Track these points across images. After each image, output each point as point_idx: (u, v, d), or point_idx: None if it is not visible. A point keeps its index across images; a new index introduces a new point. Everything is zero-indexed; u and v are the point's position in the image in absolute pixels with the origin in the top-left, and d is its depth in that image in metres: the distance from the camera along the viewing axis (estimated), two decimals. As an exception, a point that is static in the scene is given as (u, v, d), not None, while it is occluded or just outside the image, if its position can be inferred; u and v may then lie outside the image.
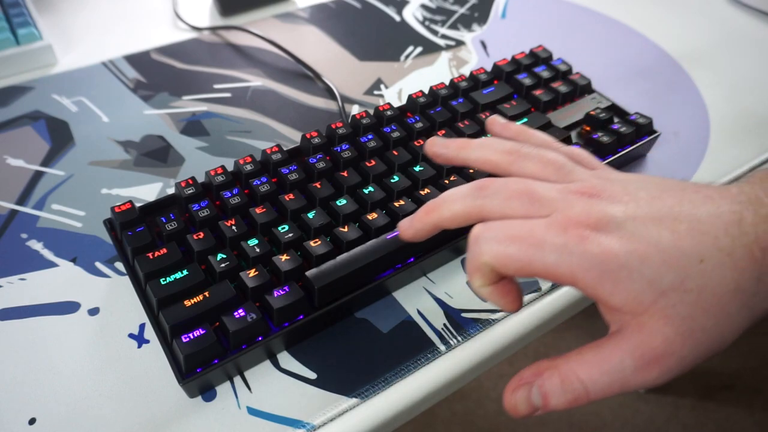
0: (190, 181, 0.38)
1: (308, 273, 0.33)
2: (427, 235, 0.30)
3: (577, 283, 0.24)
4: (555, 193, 0.26)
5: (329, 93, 0.52)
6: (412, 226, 0.30)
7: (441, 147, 0.32)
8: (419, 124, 0.43)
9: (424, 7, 0.64)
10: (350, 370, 0.33)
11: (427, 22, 0.62)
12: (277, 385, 0.32)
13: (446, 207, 0.28)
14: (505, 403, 0.26)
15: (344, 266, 0.34)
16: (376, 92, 0.53)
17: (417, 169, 0.40)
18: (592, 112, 0.45)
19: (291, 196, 0.37)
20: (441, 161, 0.32)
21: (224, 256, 0.34)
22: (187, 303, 0.32)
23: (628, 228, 0.24)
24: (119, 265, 0.38)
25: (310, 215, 0.36)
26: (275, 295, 0.32)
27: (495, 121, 0.34)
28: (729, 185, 0.26)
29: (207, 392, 0.32)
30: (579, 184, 0.26)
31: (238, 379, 0.32)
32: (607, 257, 0.23)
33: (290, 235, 0.35)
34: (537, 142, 0.32)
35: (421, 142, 0.42)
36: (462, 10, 0.64)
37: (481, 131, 0.43)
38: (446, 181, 0.39)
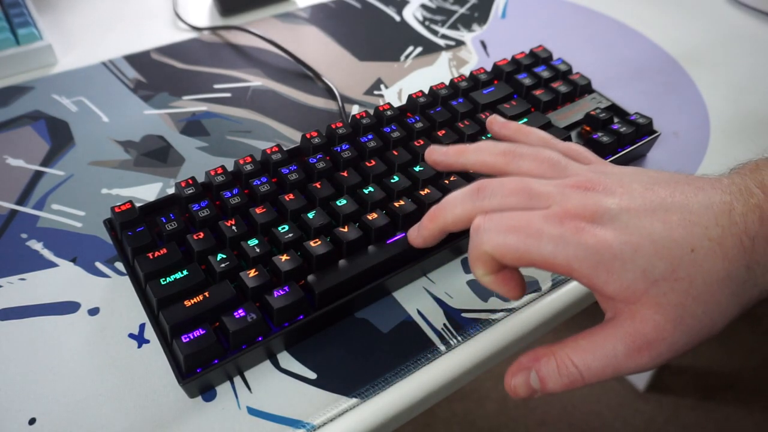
0: (190, 181, 0.38)
1: (309, 278, 0.33)
2: (435, 240, 0.31)
3: (573, 272, 0.25)
4: (551, 188, 0.27)
5: (329, 93, 0.52)
6: (420, 235, 0.32)
7: (440, 155, 0.33)
8: (419, 124, 0.43)
9: (424, 7, 0.64)
10: (350, 370, 0.33)
11: (427, 22, 0.62)
12: (277, 385, 0.32)
13: (449, 211, 0.29)
14: (506, 385, 0.27)
15: (345, 271, 0.34)
16: (376, 92, 0.53)
17: (417, 169, 0.40)
18: (592, 112, 0.45)
19: (291, 196, 0.37)
20: (441, 168, 0.33)
21: (224, 256, 0.34)
22: (187, 303, 0.32)
23: (622, 220, 0.25)
24: (119, 265, 0.38)
25: (310, 215, 0.36)
26: (275, 295, 0.32)
27: (494, 120, 0.35)
28: (720, 176, 0.27)
29: (207, 392, 0.32)
30: (575, 178, 0.28)
31: (238, 379, 0.32)
32: (602, 248, 0.24)
33: (290, 235, 0.35)
34: (534, 140, 0.33)
35: (422, 142, 0.42)
36: (462, 10, 0.64)
37: (481, 131, 0.43)
38: (446, 181, 0.39)
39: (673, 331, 0.24)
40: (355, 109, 0.51)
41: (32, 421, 0.30)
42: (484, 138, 0.42)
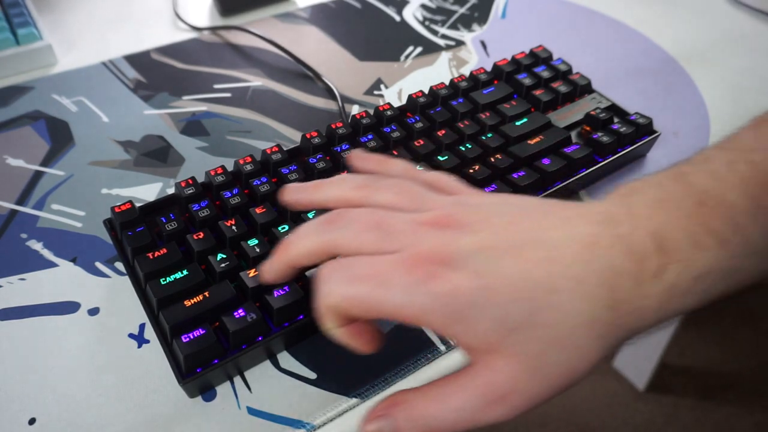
0: (190, 181, 0.38)
1: (308, 273, 0.33)
2: (286, 276, 0.28)
3: (425, 324, 0.23)
4: (406, 225, 0.25)
5: (329, 93, 0.52)
6: (270, 269, 0.29)
7: (295, 192, 0.30)
8: (419, 124, 0.43)
9: (424, 7, 0.64)
10: (350, 370, 0.33)
11: (427, 22, 0.62)
12: (277, 385, 0.32)
13: (299, 244, 0.27)
14: None
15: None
16: (376, 92, 0.52)
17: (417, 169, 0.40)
18: (592, 112, 0.45)
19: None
20: (300, 207, 0.30)
21: (224, 256, 0.34)
22: (187, 303, 0.32)
23: (478, 261, 0.23)
24: (119, 265, 0.38)
25: (311, 215, 0.36)
26: (275, 295, 0.32)
27: (354, 155, 0.33)
28: (593, 202, 0.25)
29: (207, 392, 0.32)
30: (432, 213, 0.25)
31: (238, 379, 0.32)
32: (455, 296, 0.22)
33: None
34: (397, 171, 0.30)
35: (422, 142, 0.42)
36: (462, 10, 0.64)
37: (481, 131, 0.43)
38: (446, 181, 0.39)
39: (529, 381, 0.22)
40: (355, 109, 0.51)
41: (32, 421, 0.30)
42: (485, 137, 0.42)
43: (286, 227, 0.36)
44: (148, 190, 0.43)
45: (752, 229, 0.22)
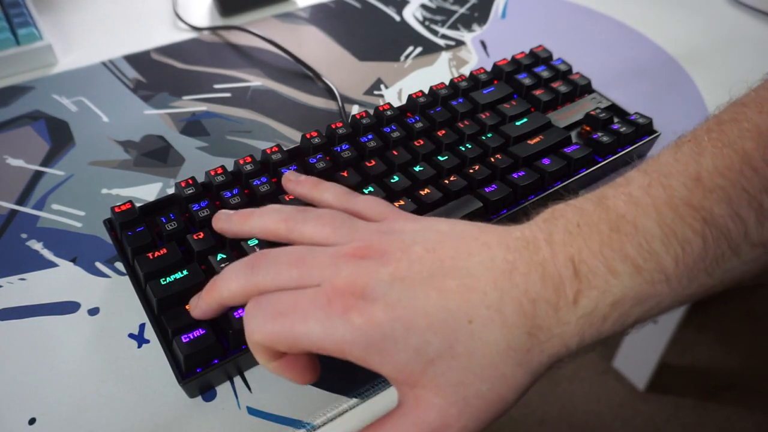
0: (190, 181, 0.38)
1: None
2: (215, 313, 0.29)
3: (347, 356, 0.23)
4: (326, 258, 0.25)
5: (329, 93, 0.52)
6: (199, 306, 0.29)
7: (224, 222, 0.31)
8: (419, 124, 0.43)
9: (424, 7, 0.64)
10: (350, 370, 0.33)
11: (427, 22, 0.62)
12: (277, 385, 0.32)
13: (224, 286, 0.27)
14: None
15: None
16: (376, 92, 0.53)
17: (417, 169, 0.40)
18: (592, 112, 0.45)
19: (290, 196, 0.37)
20: (229, 236, 0.31)
21: (224, 256, 0.34)
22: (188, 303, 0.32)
23: (395, 292, 0.23)
24: (119, 265, 0.38)
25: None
26: (275, 295, 0.32)
27: (287, 178, 0.33)
28: (515, 227, 0.25)
29: (207, 392, 0.32)
30: (352, 245, 0.25)
31: (238, 379, 0.32)
32: (371, 328, 0.22)
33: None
34: (328, 197, 0.31)
35: (422, 142, 0.42)
36: (462, 10, 0.64)
37: (481, 131, 0.43)
38: (446, 181, 0.39)
39: (458, 414, 0.22)
40: (355, 109, 0.51)
41: (32, 421, 0.30)
42: (485, 137, 0.42)
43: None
44: (148, 190, 0.43)
45: (664, 255, 0.22)
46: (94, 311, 0.35)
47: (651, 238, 0.22)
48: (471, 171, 0.40)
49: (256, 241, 0.35)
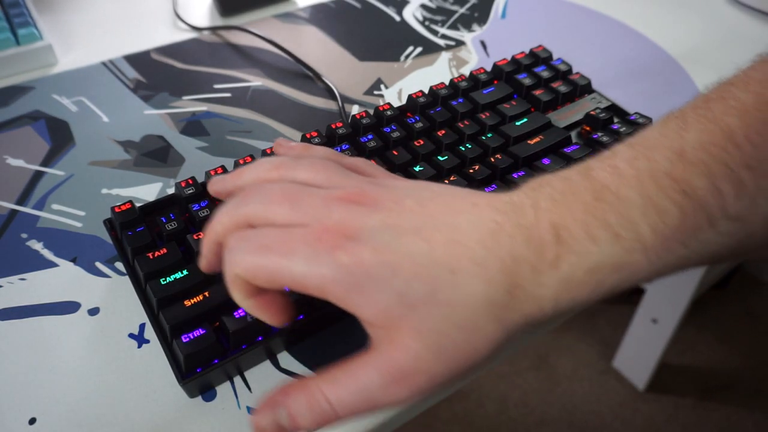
0: (190, 181, 0.38)
1: None
2: (216, 259, 0.28)
3: (327, 294, 0.23)
4: (318, 200, 0.25)
5: (329, 93, 0.52)
6: (202, 255, 0.28)
7: (219, 183, 0.31)
8: (419, 124, 0.43)
9: (424, 7, 0.64)
10: (350, 370, 0.33)
11: (427, 22, 0.62)
12: (277, 385, 0.32)
13: (217, 222, 0.27)
14: (252, 425, 0.24)
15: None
16: (376, 92, 0.53)
17: (417, 168, 0.40)
18: (592, 112, 0.45)
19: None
20: (224, 196, 0.30)
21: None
22: (187, 303, 0.32)
23: (384, 237, 0.23)
24: (119, 265, 0.38)
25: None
26: (275, 295, 0.32)
27: (278, 144, 0.33)
28: (503, 193, 0.25)
29: (207, 392, 0.32)
30: (345, 189, 0.26)
31: (238, 379, 0.32)
32: (357, 267, 0.23)
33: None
34: (319, 154, 0.31)
35: (422, 142, 0.42)
36: (462, 10, 0.64)
37: (481, 131, 0.43)
38: (446, 181, 0.39)
39: (432, 360, 0.22)
40: (355, 109, 0.51)
41: (32, 421, 0.30)
42: (485, 137, 0.42)
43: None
44: (148, 190, 0.43)
45: (643, 225, 0.23)
46: (94, 311, 0.35)
47: (631, 208, 0.23)
48: (471, 171, 0.40)
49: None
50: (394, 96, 0.52)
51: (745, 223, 0.23)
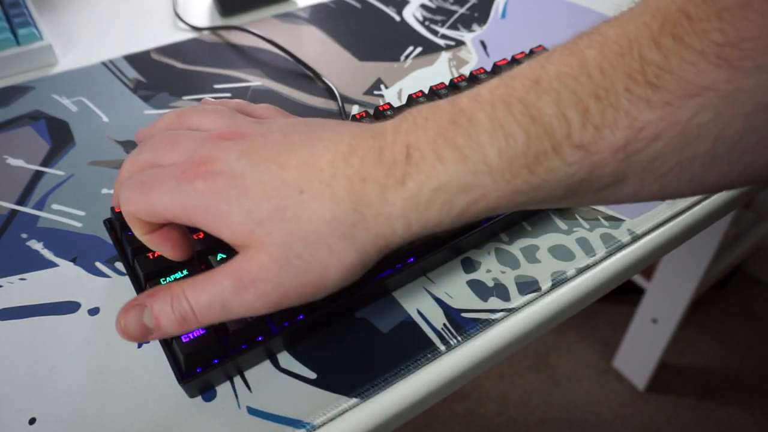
0: (190, 181, 0.38)
1: None
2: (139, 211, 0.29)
3: (193, 221, 0.26)
4: (193, 140, 0.28)
5: (329, 93, 0.52)
6: (114, 194, 0.34)
7: (138, 132, 0.36)
8: (419, 124, 0.43)
9: (424, 7, 0.64)
10: (350, 370, 0.33)
11: (427, 22, 0.62)
12: (277, 385, 0.32)
13: (123, 169, 0.30)
14: (117, 326, 0.27)
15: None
16: (376, 92, 0.53)
17: (417, 169, 0.40)
18: (592, 112, 0.45)
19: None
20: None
21: (224, 256, 0.34)
22: (187, 303, 0.32)
23: (239, 165, 0.26)
24: (119, 265, 0.38)
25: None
26: (275, 295, 0.32)
27: (204, 100, 0.37)
28: (378, 123, 0.27)
29: (207, 392, 0.32)
30: (220, 129, 0.28)
31: (238, 379, 0.32)
32: (211, 193, 0.25)
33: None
34: (230, 105, 0.34)
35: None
36: (462, 10, 0.64)
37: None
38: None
39: (278, 270, 0.25)
40: (355, 109, 0.51)
41: (32, 421, 0.30)
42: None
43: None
44: (148, 190, 0.43)
45: (489, 147, 0.24)
46: (94, 311, 0.35)
47: (481, 131, 0.24)
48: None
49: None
50: (394, 96, 0.52)
51: (589, 153, 0.23)
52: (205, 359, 0.30)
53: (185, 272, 0.33)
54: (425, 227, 0.25)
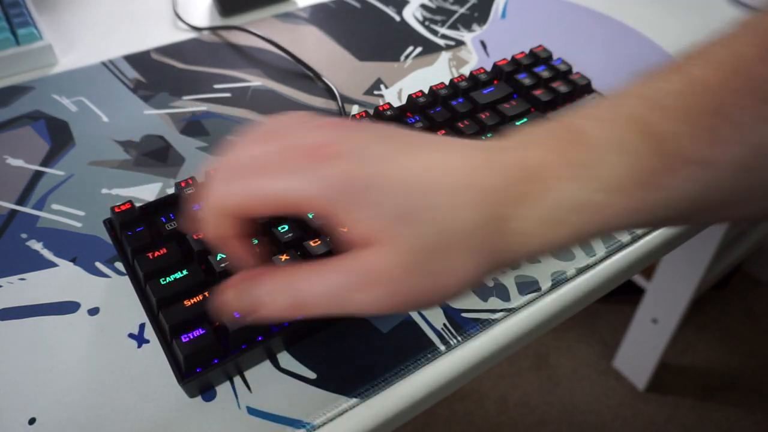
0: (190, 181, 0.38)
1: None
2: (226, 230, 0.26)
3: (314, 208, 0.23)
4: (301, 129, 0.25)
5: (329, 93, 0.52)
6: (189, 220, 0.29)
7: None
8: (419, 124, 0.43)
9: (424, 7, 0.64)
10: (350, 370, 0.33)
11: (427, 22, 0.62)
12: (277, 385, 0.32)
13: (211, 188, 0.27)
14: (222, 297, 0.25)
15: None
16: (376, 92, 0.53)
17: (417, 169, 0.40)
18: (592, 112, 0.45)
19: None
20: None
21: (224, 256, 0.34)
22: (187, 303, 0.32)
23: (367, 155, 0.23)
24: (119, 265, 0.38)
25: (311, 215, 0.36)
26: (275, 295, 0.32)
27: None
28: (495, 138, 0.26)
29: (207, 392, 0.32)
30: (325, 120, 0.26)
31: (238, 379, 0.32)
32: (348, 179, 0.23)
33: (290, 234, 0.35)
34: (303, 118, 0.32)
35: (421, 142, 0.42)
36: (462, 10, 0.64)
37: (480, 131, 0.43)
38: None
39: (408, 275, 0.23)
40: (355, 109, 0.51)
41: (32, 421, 0.30)
42: (485, 137, 0.42)
43: (286, 227, 0.36)
44: (148, 190, 0.43)
45: (618, 166, 0.23)
46: (94, 311, 0.35)
47: (607, 150, 0.24)
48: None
49: (256, 241, 0.35)
50: (394, 96, 0.52)
51: (709, 169, 0.23)
52: (205, 359, 0.30)
53: (185, 272, 0.33)
54: (557, 245, 0.24)
